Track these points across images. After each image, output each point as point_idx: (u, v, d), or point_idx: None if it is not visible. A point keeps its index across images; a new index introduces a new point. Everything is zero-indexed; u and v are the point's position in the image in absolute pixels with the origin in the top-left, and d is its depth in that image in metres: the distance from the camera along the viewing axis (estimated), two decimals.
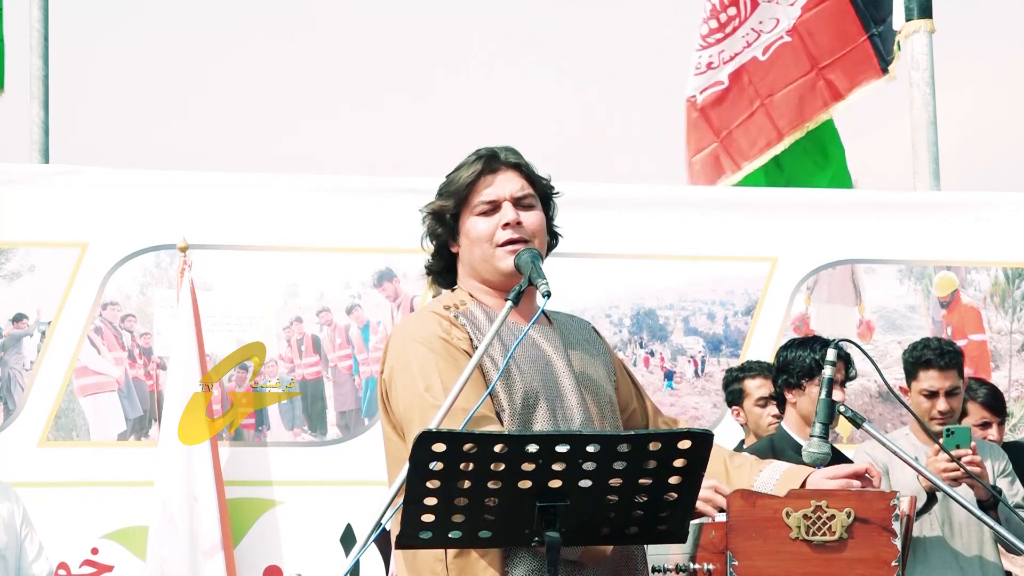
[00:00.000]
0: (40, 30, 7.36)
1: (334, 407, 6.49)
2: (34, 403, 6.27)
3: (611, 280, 6.70)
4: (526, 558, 3.41)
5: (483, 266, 3.63)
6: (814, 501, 3.39)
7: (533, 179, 3.68)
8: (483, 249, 3.62)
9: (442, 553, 3.43)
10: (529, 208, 3.64)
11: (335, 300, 6.55)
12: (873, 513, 3.40)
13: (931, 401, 5.77)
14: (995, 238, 7.03)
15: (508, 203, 3.62)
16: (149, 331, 6.40)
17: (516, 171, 3.66)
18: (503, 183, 3.64)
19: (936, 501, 5.60)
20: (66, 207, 6.42)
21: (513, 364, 3.50)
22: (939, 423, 5.74)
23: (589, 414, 3.56)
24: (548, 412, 3.51)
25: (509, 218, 3.60)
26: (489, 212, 3.62)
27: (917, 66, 7.74)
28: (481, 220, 3.62)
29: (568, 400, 3.55)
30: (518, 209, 3.62)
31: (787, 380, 5.73)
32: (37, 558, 5.52)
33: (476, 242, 3.62)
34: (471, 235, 3.63)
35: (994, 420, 6.27)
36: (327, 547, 6.31)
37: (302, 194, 6.63)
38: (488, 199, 3.62)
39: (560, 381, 3.57)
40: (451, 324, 3.56)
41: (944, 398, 5.76)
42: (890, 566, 3.39)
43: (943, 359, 5.76)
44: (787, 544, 3.37)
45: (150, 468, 6.19)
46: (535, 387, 3.52)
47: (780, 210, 6.94)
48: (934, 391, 5.77)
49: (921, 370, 5.79)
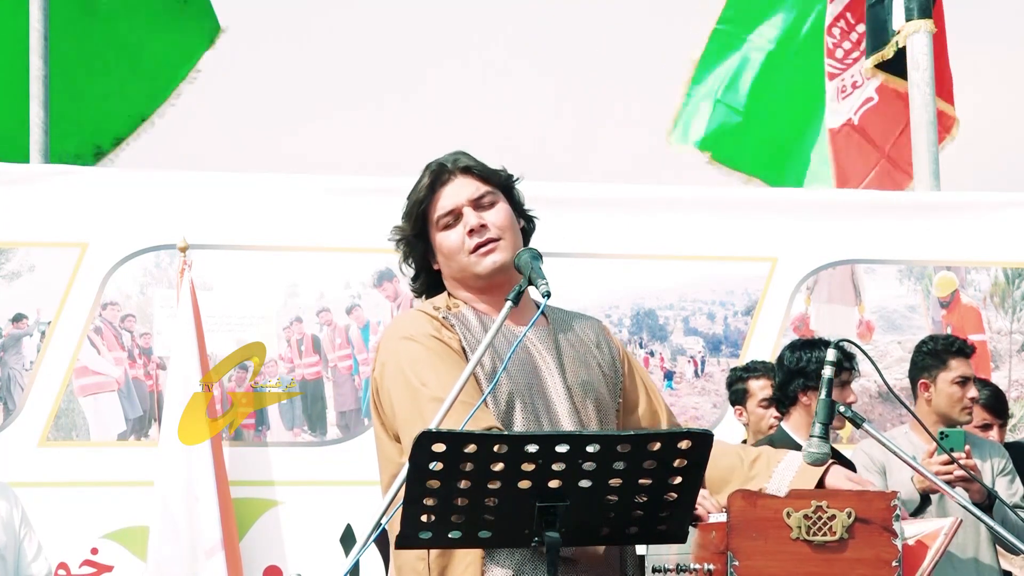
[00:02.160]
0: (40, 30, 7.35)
1: (334, 407, 6.49)
2: (34, 403, 6.27)
3: (611, 280, 6.70)
4: (508, 557, 3.42)
5: (463, 275, 3.64)
6: (814, 501, 3.39)
7: (487, 176, 3.66)
8: (458, 261, 3.62)
9: (424, 552, 3.43)
10: (491, 206, 3.63)
11: (335, 300, 6.55)
12: (874, 513, 3.40)
13: (963, 388, 5.84)
14: (995, 238, 7.03)
15: (468, 208, 3.61)
16: (149, 331, 6.40)
17: (467, 175, 3.64)
18: (457, 190, 3.63)
19: (930, 503, 5.61)
20: (66, 207, 6.42)
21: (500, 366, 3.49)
22: (968, 412, 5.81)
23: (579, 419, 3.55)
24: (531, 416, 3.49)
25: (472, 224, 3.59)
26: (452, 224, 3.62)
27: (917, 66, 7.73)
28: (448, 234, 3.62)
29: (554, 405, 3.54)
30: (479, 211, 3.61)
31: (805, 383, 5.72)
32: (36, 558, 5.52)
33: (450, 256, 3.63)
34: (443, 250, 3.63)
35: (995, 422, 6.27)
36: (327, 547, 6.31)
37: (302, 194, 6.63)
38: (446, 211, 3.62)
39: (547, 385, 3.55)
40: (441, 324, 3.56)
41: (972, 384, 5.85)
42: (890, 566, 3.39)
43: (967, 348, 5.88)
44: (788, 544, 3.37)
45: (150, 468, 6.19)
46: (519, 390, 3.51)
47: (780, 210, 6.94)
48: (967, 377, 5.85)
49: (952, 359, 5.85)
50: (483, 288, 3.63)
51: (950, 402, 5.78)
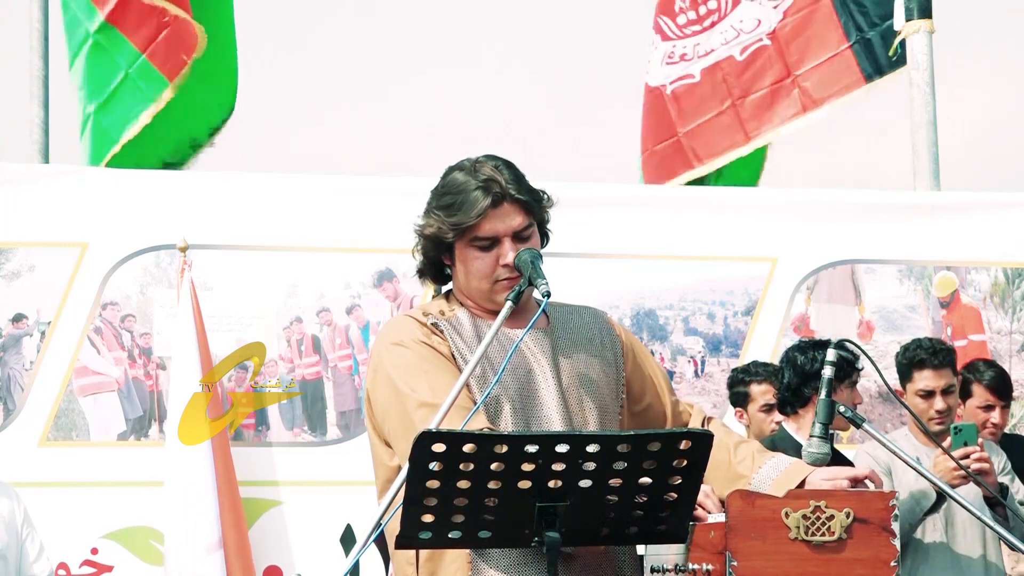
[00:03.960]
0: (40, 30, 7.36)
1: (334, 407, 6.49)
2: (34, 403, 6.27)
3: (611, 280, 6.70)
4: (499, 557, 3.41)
5: (479, 296, 3.60)
6: (813, 501, 3.39)
7: (532, 209, 3.58)
8: (480, 283, 3.56)
9: (412, 555, 3.42)
10: (527, 240, 3.57)
11: (335, 300, 6.55)
12: (872, 513, 3.40)
13: (928, 401, 5.78)
14: (995, 238, 7.03)
15: (508, 240, 3.54)
16: (149, 331, 6.40)
17: (518, 205, 3.55)
18: (505, 219, 3.53)
19: (944, 501, 5.60)
20: (66, 207, 6.42)
21: (491, 370, 3.48)
22: (937, 423, 5.74)
23: (570, 421, 3.53)
24: (520, 420, 3.48)
25: (509, 259, 3.52)
26: (487, 247, 3.54)
27: (917, 66, 7.73)
28: (479, 255, 3.55)
29: (545, 408, 3.52)
30: (516, 243, 3.54)
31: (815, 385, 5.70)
32: (38, 558, 5.51)
33: (473, 276, 3.56)
34: (469, 268, 3.57)
35: (998, 403, 6.22)
36: (327, 547, 6.32)
37: (302, 194, 6.63)
38: (488, 235, 3.53)
39: (539, 389, 3.54)
40: (431, 331, 3.54)
41: (940, 397, 5.77)
42: (889, 566, 3.39)
43: (936, 358, 5.77)
44: (786, 544, 3.37)
45: (150, 468, 6.19)
46: (509, 395, 3.49)
47: (780, 210, 6.94)
48: (930, 391, 5.77)
49: (915, 370, 5.79)
50: (488, 308, 3.60)
51: (917, 412, 5.77)
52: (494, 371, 3.47)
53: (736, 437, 3.72)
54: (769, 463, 3.59)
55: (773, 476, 3.54)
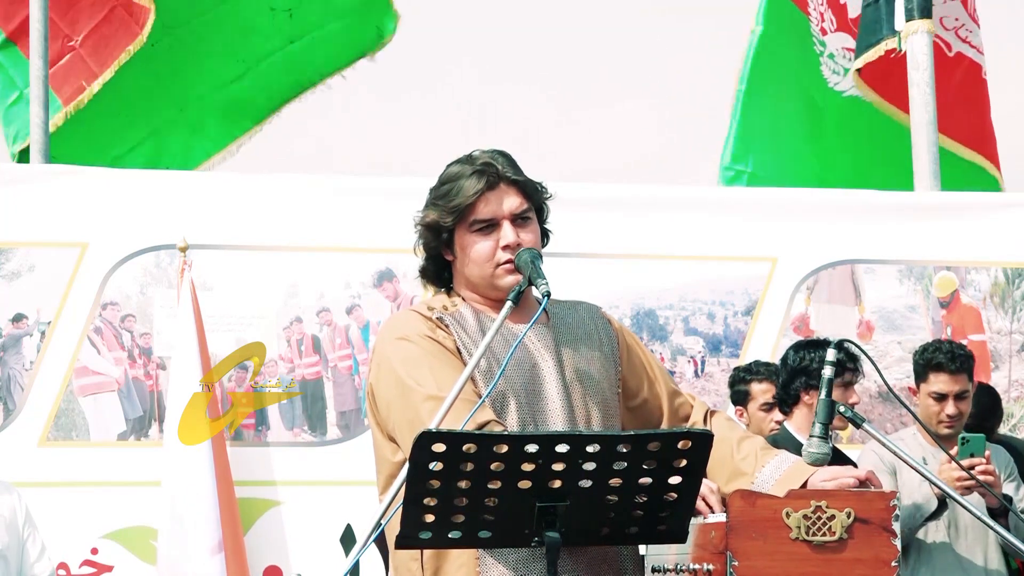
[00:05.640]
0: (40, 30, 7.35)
1: (334, 407, 6.49)
2: (34, 403, 6.27)
3: (611, 280, 6.70)
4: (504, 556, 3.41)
5: (481, 283, 3.61)
6: (814, 501, 3.39)
7: (529, 193, 3.62)
8: (482, 268, 3.58)
9: (417, 553, 3.42)
10: (526, 223, 3.60)
11: (335, 300, 6.55)
12: (873, 513, 3.40)
13: (940, 404, 5.77)
14: (995, 238, 7.03)
15: (507, 222, 3.57)
16: (149, 331, 6.40)
17: (514, 187, 3.60)
18: (502, 200, 3.58)
19: (947, 507, 5.59)
20: (66, 207, 6.42)
21: (496, 364, 3.49)
22: (947, 426, 5.73)
23: (574, 416, 3.54)
24: (526, 414, 3.49)
25: (510, 240, 3.55)
26: (487, 231, 3.57)
27: (917, 66, 7.73)
28: (479, 239, 3.58)
29: (550, 403, 3.53)
30: (516, 227, 3.57)
31: (807, 381, 5.73)
32: (39, 558, 5.51)
33: (475, 261, 3.58)
34: (469, 253, 3.59)
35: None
36: (327, 547, 6.32)
37: (302, 194, 6.63)
38: (486, 218, 3.57)
39: (544, 384, 3.55)
40: (435, 325, 3.55)
41: (953, 401, 5.76)
42: (890, 566, 3.39)
43: (954, 363, 5.76)
44: (787, 544, 3.37)
45: (150, 468, 6.19)
46: (514, 389, 3.50)
47: (780, 210, 6.94)
48: (943, 394, 5.76)
49: (931, 372, 5.78)
50: (492, 297, 3.61)
51: (927, 414, 5.77)
52: (499, 365, 3.47)
53: (740, 432, 3.72)
54: (772, 462, 3.59)
55: (776, 476, 3.54)
